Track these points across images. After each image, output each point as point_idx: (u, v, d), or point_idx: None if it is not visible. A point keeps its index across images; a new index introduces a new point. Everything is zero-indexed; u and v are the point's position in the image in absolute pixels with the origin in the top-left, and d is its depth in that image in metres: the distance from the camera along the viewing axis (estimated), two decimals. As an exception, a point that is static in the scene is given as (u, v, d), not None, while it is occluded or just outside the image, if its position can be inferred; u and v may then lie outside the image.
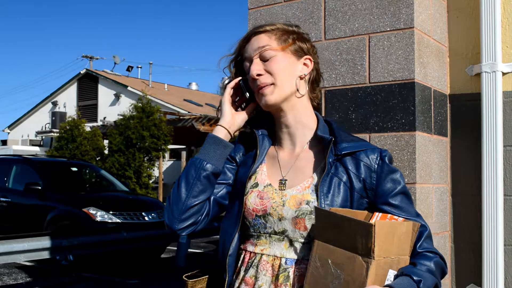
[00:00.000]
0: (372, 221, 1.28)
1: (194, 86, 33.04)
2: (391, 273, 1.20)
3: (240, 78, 1.48)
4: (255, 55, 1.42)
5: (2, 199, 8.71)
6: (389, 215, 1.31)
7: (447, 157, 2.37)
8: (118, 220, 7.69)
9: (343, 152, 1.37)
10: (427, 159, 2.15)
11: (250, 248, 1.42)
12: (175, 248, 7.75)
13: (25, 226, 7.96)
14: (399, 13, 2.11)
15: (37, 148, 22.73)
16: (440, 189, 2.28)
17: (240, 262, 1.43)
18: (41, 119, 28.09)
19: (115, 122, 16.83)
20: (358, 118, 2.17)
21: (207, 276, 1.47)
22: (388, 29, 2.13)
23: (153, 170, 16.99)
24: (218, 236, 1.49)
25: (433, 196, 2.20)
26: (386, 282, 1.18)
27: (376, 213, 1.32)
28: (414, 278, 1.19)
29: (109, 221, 7.65)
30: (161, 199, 17.18)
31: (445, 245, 2.32)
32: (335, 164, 1.37)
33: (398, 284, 1.18)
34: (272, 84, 1.40)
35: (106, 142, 17.41)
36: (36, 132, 27.53)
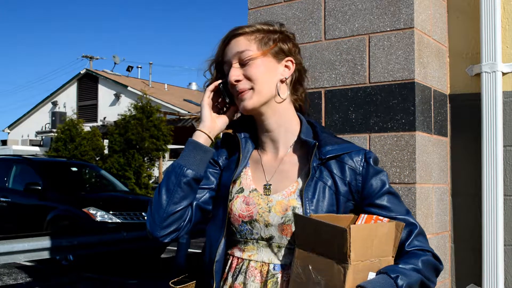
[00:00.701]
0: (358, 223, 1.29)
1: (194, 86, 33.02)
2: (372, 275, 1.19)
3: (219, 81, 1.45)
4: (234, 59, 1.39)
5: (2, 199, 8.71)
6: (375, 216, 1.29)
7: (447, 157, 2.37)
8: (118, 220, 7.69)
9: (327, 156, 1.35)
10: (427, 159, 2.15)
11: (237, 253, 1.40)
12: (175, 248, 7.75)
13: (25, 226, 7.96)
14: (399, 13, 2.11)
15: (37, 148, 22.73)
16: (440, 189, 2.28)
17: (227, 267, 1.41)
18: (41, 119, 28.09)
19: (115, 122, 16.83)
20: (358, 118, 2.17)
21: (194, 281, 1.46)
22: (388, 29, 2.13)
23: (153, 170, 17.00)
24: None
25: (433, 196, 2.20)
26: None
27: (362, 215, 1.31)
28: (391, 274, 1.17)
29: (109, 221, 7.65)
30: (161, 199, 17.14)
31: (445, 245, 2.32)
32: (319, 168, 1.35)
33: (371, 282, 1.15)
34: (251, 89, 1.38)
35: (106, 142, 17.41)
36: (36, 132, 27.53)
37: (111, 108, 25.46)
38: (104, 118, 23.89)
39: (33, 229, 7.47)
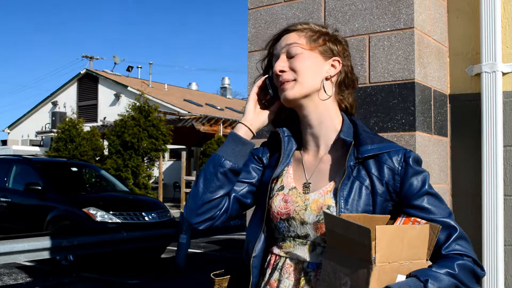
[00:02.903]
0: (395, 225, 1.26)
1: (194, 86, 33.05)
2: (401, 278, 1.15)
3: (266, 76, 1.48)
4: (282, 52, 1.42)
5: (2, 199, 8.71)
6: (413, 218, 1.27)
7: (447, 157, 2.37)
8: (118, 220, 7.69)
9: (364, 155, 1.34)
10: (427, 159, 2.15)
11: (276, 250, 1.42)
12: (175, 248, 7.74)
13: (25, 226, 7.96)
14: (399, 13, 2.11)
15: (37, 148, 22.75)
16: (440, 189, 2.28)
17: (266, 264, 1.43)
18: (41, 119, 28.10)
19: (114, 122, 16.85)
20: (358, 118, 2.17)
21: (229, 276, 1.48)
22: (388, 29, 2.13)
23: (153, 170, 17.00)
24: (218, 236, 1.50)
25: (433, 196, 2.20)
26: None
27: (400, 217, 1.28)
28: (421, 278, 1.14)
29: (109, 221, 7.65)
30: (161, 199, 17.19)
31: (445, 245, 2.33)
32: (357, 167, 1.34)
33: (398, 285, 1.13)
34: (294, 80, 1.39)
35: (106, 143, 17.43)
36: (36, 132, 27.54)
37: (111, 108, 25.47)
38: (104, 118, 23.90)
39: (33, 229, 7.48)
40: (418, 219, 1.26)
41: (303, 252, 1.36)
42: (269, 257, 1.43)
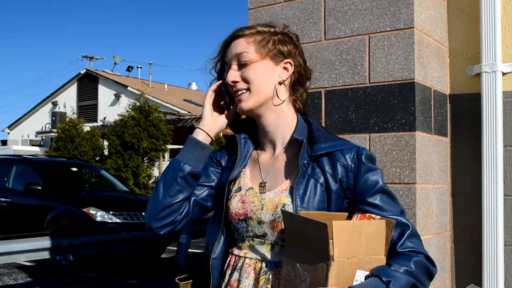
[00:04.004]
0: (353, 221, 1.27)
1: (194, 86, 33.03)
2: (361, 274, 1.17)
3: (220, 82, 1.49)
4: (233, 61, 1.42)
5: (2, 199, 8.71)
6: (368, 214, 1.29)
7: (447, 157, 2.37)
8: (118, 220, 7.68)
9: (317, 153, 1.36)
10: (427, 159, 2.15)
11: (235, 251, 1.43)
12: (175, 248, 7.74)
13: (25, 226, 7.96)
14: (399, 13, 2.11)
15: (37, 148, 22.73)
16: (440, 189, 2.28)
17: (226, 265, 1.45)
18: (41, 119, 28.09)
19: (114, 122, 16.84)
20: (358, 118, 2.17)
21: (191, 281, 1.49)
22: (388, 29, 2.13)
23: (153, 170, 16.99)
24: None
25: (433, 196, 2.20)
26: (354, 283, 1.16)
27: (356, 214, 1.30)
28: (383, 278, 1.15)
29: (109, 221, 7.64)
30: (161, 199, 17.15)
31: (445, 245, 2.32)
32: (311, 165, 1.36)
33: (362, 285, 1.14)
34: (248, 90, 1.40)
35: (106, 143, 17.43)
36: (36, 132, 27.53)
37: (111, 108, 25.46)
38: (104, 118, 23.89)
39: (33, 229, 7.47)
40: (373, 215, 1.28)
41: (262, 252, 1.37)
42: (229, 258, 1.45)
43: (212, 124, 1.48)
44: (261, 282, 1.34)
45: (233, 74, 1.41)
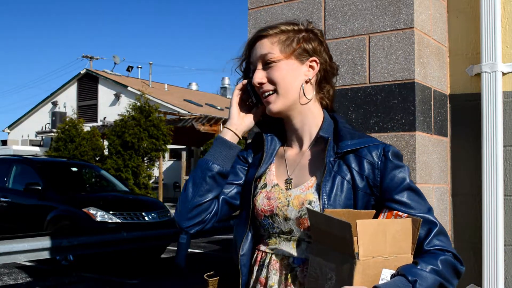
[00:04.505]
0: (379, 219, 1.27)
1: (194, 86, 33.05)
2: (387, 273, 1.16)
3: (246, 81, 1.49)
4: (258, 62, 1.42)
5: (2, 199, 8.70)
6: (395, 212, 1.28)
7: (447, 157, 2.37)
8: (118, 220, 7.68)
9: (343, 150, 1.35)
10: (427, 159, 2.15)
11: (262, 247, 1.44)
12: (175, 248, 7.74)
13: (25, 226, 7.95)
14: (399, 13, 2.11)
15: (37, 148, 22.74)
16: (440, 189, 2.28)
17: (253, 261, 1.45)
18: (41, 119, 28.10)
19: (114, 122, 16.85)
20: (358, 118, 2.17)
21: (218, 278, 1.50)
22: (388, 29, 2.13)
23: (153, 170, 17.00)
24: (218, 236, 1.52)
25: (433, 196, 2.20)
26: (380, 282, 1.15)
27: (383, 211, 1.29)
28: (409, 278, 1.15)
29: (109, 221, 7.64)
30: (161, 199, 17.19)
31: (445, 245, 2.32)
32: (338, 162, 1.36)
33: (387, 284, 1.14)
34: (275, 91, 1.40)
35: (106, 143, 17.43)
36: (36, 132, 27.54)
37: (111, 108, 25.47)
38: (104, 118, 23.90)
39: (33, 229, 7.47)
40: (400, 213, 1.27)
41: (288, 248, 1.37)
42: (255, 254, 1.45)
43: (239, 124, 1.49)
44: (290, 279, 1.34)
45: (259, 76, 1.41)
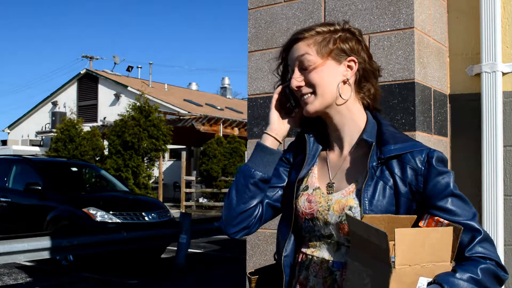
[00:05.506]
0: (420, 225, 1.25)
1: (194, 86, 33.06)
2: (424, 281, 1.15)
3: (285, 85, 1.48)
4: (295, 64, 1.41)
5: (2, 199, 8.70)
6: (436, 218, 1.26)
7: (447, 157, 2.37)
8: (118, 220, 7.68)
9: (387, 156, 1.33)
10: (427, 159, 2.15)
11: (304, 249, 1.44)
12: (175, 248, 7.75)
13: (25, 226, 7.95)
14: (399, 13, 2.11)
15: (37, 148, 22.75)
16: (440, 189, 2.28)
17: (296, 263, 1.46)
18: (41, 119, 28.11)
19: (114, 122, 16.86)
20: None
21: (257, 276, 1.52)
22: (388, 29, 2.13)
23: (153, 170, 17.00)
24: (218, 236, 1.53)
25: (433, 196, 2.20)
26: None
27: (425, 217, 1.28)
28: (445, 286, 1.13)
29: (109, 221, 7.64)
30: (161, 199, 17.19)
31: (445, 245, 2.33)
32: (380, 168, 1.34)
33: None
34: (313, 93, 1.39)
35: (106, 143, 17.44)
36: (36, 132, 27.56)
37: (111, 108, 25.48)
38: (104, 118, 23.91)
39: (33, 229, 7.47)
40: (441, 220, 1.25)
41: (328, 251, 1.38)
42: (297, 255, 1.46)
43: (279, 129, 1.48)
44: (328, 281, 1.35)
45: (297, 78, 1.41)
